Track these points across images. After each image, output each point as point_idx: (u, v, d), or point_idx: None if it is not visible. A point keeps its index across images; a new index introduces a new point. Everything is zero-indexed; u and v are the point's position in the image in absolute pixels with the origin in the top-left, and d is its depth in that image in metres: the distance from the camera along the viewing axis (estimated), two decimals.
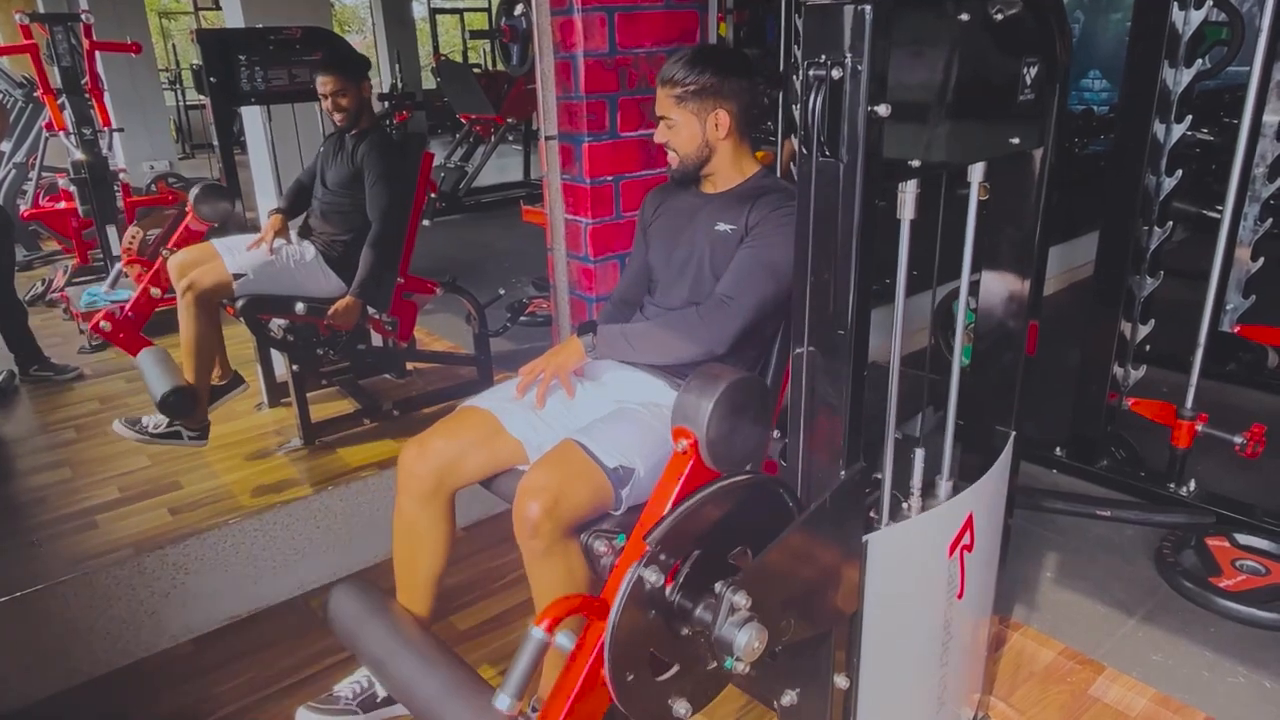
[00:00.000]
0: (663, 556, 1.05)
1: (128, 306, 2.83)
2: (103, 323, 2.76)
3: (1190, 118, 2.36)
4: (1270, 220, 2.92)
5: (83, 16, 4.31)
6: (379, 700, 1.65)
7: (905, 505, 1.33)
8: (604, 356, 1.70)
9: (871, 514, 1.25)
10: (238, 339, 3.15)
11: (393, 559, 1.68)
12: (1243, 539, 2.22)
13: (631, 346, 1.68)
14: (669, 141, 1.67)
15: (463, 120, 7.46)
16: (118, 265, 4.04)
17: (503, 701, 1.03)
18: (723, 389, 1.17)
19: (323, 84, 2.83)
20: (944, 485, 1.39)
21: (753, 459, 1.26)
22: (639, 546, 1.07)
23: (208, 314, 2.73)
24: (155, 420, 2.74)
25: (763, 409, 1.25)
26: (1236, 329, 2.99)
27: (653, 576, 1.03)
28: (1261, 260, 2.94)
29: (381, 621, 1.54)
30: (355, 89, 2.84)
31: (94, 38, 4.37)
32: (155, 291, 2.83)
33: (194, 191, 2.98)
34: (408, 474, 1.60)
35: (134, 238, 3.96)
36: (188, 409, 2.66)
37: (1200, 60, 2.33)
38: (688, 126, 1.64)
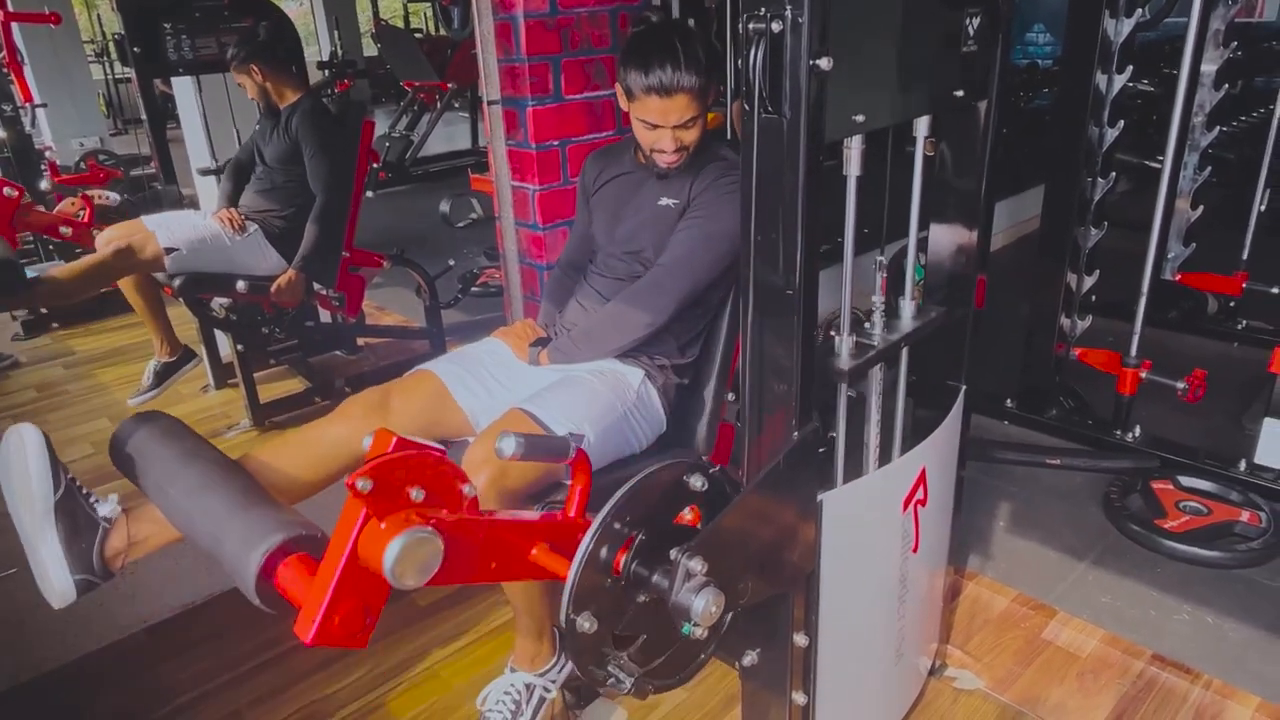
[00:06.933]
0: (617, 526, 1.03)
1: None
2: None
3: (1131, 68, 2.37)
4: (1209, 169, 2.98)
5: None
6: None
7: (859, 462, 1.33)
8: (562, 363, 1.66)
9: (825, 473, 1.26)
10: (181, 320, 3.05)
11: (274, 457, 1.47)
12: (1186, 481, 2.29)
13: (580, 349, 1.66)
14: (682, 141, 1.58)
15: (406, 88, 7.27)
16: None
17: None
18: None
19: None
20: (897, 441, 1.40)
21: None
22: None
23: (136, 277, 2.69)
24: None
25: None
26: (1178, 277, 3.06)
27: (606, 551, 1.02)
28: (1201, 209, 3.00)
29: (175, 446, 1.27)
30: (243, 73, 2.79)
31: (9, 8, 4.15)
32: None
33: None
34: (359, 410, 1.50)
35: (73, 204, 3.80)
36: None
37: (1140, 11, 2.34)
38: (702, 116, 1.57)
